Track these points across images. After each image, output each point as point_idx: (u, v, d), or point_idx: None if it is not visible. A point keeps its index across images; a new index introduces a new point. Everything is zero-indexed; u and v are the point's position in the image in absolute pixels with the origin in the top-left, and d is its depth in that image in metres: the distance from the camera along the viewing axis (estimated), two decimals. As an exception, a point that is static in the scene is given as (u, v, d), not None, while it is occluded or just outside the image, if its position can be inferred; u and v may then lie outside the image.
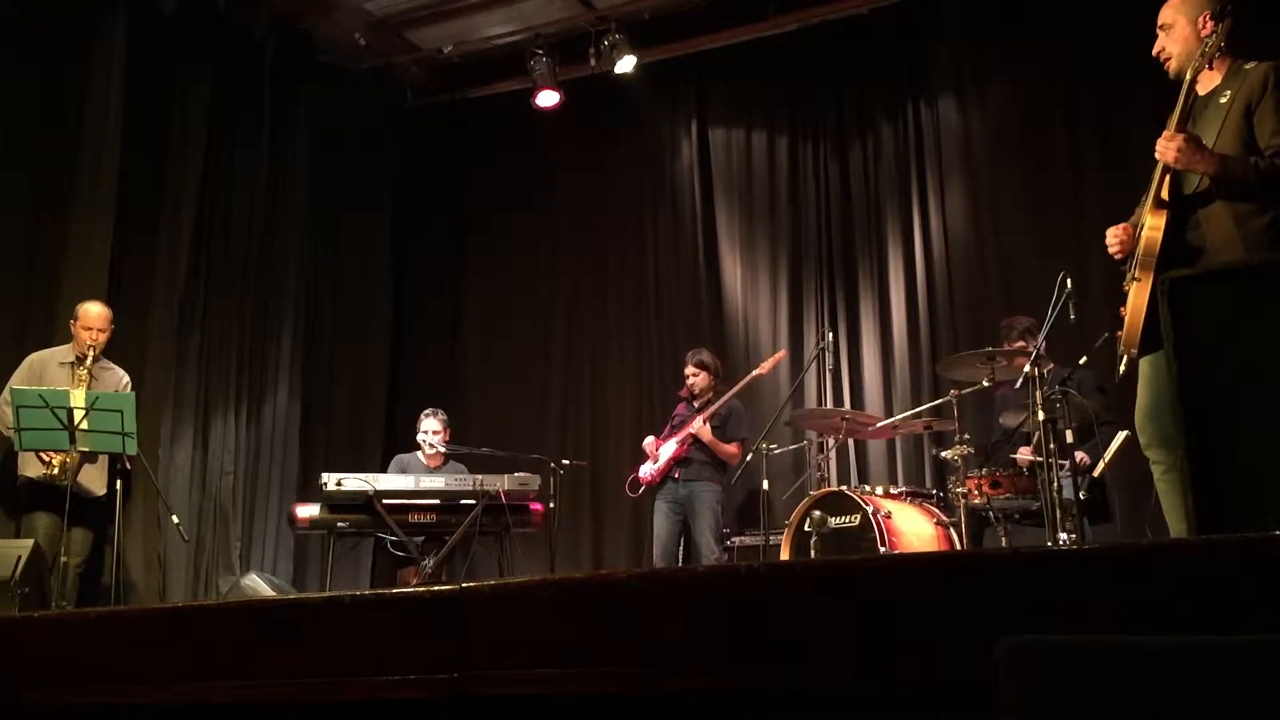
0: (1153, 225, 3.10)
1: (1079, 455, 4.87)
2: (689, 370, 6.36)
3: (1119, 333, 3.25)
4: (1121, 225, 3.32)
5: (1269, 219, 2.99)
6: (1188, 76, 3.13)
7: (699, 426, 6.08)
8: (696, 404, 6.33)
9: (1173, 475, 3.15)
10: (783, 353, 6.56)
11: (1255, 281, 2.09)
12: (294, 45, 7.69)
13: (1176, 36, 3.23)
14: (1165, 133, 3.11)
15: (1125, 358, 3.23)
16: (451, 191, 8.78)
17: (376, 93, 8.37)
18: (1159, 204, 3.11)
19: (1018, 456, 5.26)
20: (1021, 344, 5.35)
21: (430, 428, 6.44)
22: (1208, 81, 3.20)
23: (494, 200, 8.64)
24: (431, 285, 8.73)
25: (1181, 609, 1.19)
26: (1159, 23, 3.31)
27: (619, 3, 7.58)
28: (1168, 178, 3.12)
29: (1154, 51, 3.31)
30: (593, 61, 7.68)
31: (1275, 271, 2.66)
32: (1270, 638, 1.06)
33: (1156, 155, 3.13)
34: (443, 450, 6.42)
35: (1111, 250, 3.30)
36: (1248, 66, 3.17)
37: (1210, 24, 3.16)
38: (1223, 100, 3.16)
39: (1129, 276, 3.20)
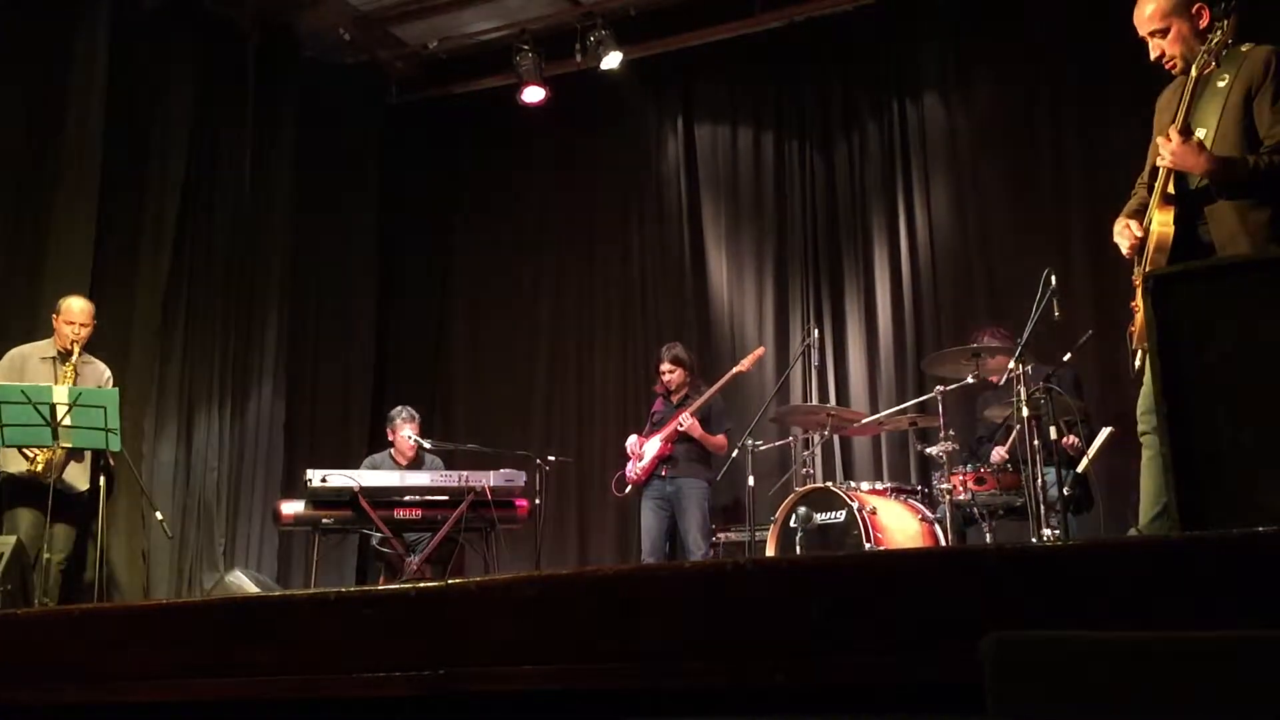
0: (1162, 221, 3.07)
1: (1071, 439, 4.91)
2: (664, 367, 6.34)
3: (1131, 328, 3.23)
4: (1125, 221, 3.25)
5: (1271, 212, 2.97)
6: (1193, 74, 3.05)
7: (689, 423, 6.07)
8: (675, 399, 6.33)
9: (1159, 460, 3.16)
10: (761, 349, 6.55)
11: (1239, 278, 2.10)
12: (278, 40, 7.65)
13: (1175, 37, 3.14)
14: (1170, 129, 3.05)
15: (1139, 353, 3.18)
16: (437, 187, 8.75)
17: (361, 88, 8.34)
18: (1166, 199, 3.09)
19: (992, 457, 5.29)
20: (994, 343, 5.39)
21: (408, 431, 6.41)
22: (1207, 64, 3.13)
23: (479, 196, 8.63)
24: (416, 281, 8.71)
25: (1165, 605, 1.19)
26: (1149, 29, 3.20)
27: (606, -2, 7.57)
28: (1173, 173, 3.09)
29: (1153, 58, 3.22)
30: (579, 58, 7.67)
31: (1258, 267, 2.67)
32: (1252, 633, 1.07)
33: (1157, 156, 3.12)
34: (426, 445, 6.40)
35: (1124, 250, 3.23)
36: (1244, 49, 3.10)
37: (1207, 13, 3.08)
38: (1220, 84, 3.09)
39: (1139, 271, 3.17)
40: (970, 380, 5.27)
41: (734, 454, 5.95)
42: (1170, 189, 3.08)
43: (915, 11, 7.25)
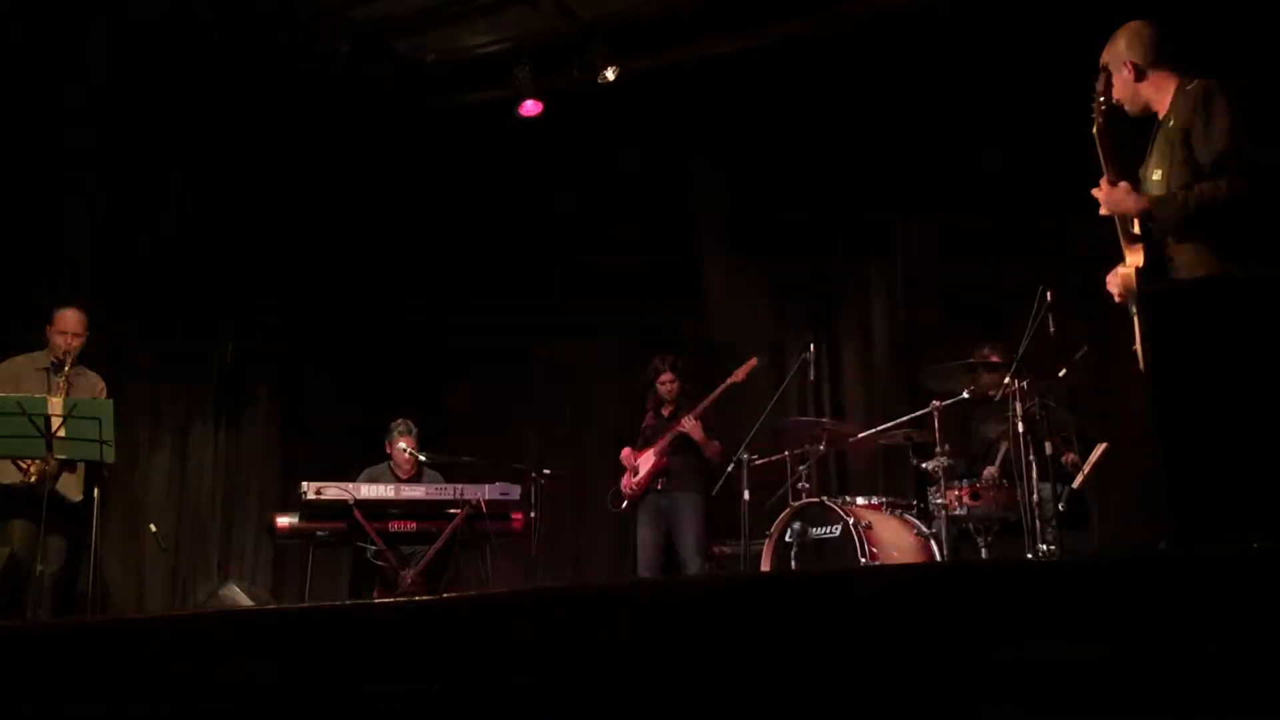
0: (1133, 262, 3.17)
1: (1069, 455, 4.92)
2: (665, 376, 6.36)
3: (1134, 348, 3.29)
4: (1114, 272, 3.33)
5: (1220, 240, 3.03)
6: (1094, 128, 3.31)
7: (690, 425, 6.07)
8: (666, 411, 6.33)
9: None
10: (754, 360, 6.55)
11: (1225, 296, 2.11)
12: (276, 53, 7.65)
13: (1117, 84, 3.37)
14: (1102, 179, 3.23)
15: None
16: (434, 200, 8.76)
17: (359, 101, 8.34)
18: (1131, 239, 3.21)
19: (983, 475, 5.29)
20: (993, 358, 5.40)
21: (405, 445, 6.38)
22: (1161, 107, 3.30)
23: (477, 209, 8.63)
24: (412, 292, 8.69)
25: (1160, 612, 1.19)
26: (1101, 64, 3.44)
27: (603, 12, 7.58)
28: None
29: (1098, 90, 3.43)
30: (576, 71, 7.69)
31: (1245, 286, 2.69)
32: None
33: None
34: (421, 458, 6.39)
35: (1116, 298, 3.32)
36: (1189, 87, 3.22)
37: (1129, 72, 3.30)
38: (1170, 124, 3.23)
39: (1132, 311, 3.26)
40: (965, 395, 5.27)
41: (729, 467, 5.95)
42: (1135, 229, 3.20)
43: (914, 26, 7.25)
